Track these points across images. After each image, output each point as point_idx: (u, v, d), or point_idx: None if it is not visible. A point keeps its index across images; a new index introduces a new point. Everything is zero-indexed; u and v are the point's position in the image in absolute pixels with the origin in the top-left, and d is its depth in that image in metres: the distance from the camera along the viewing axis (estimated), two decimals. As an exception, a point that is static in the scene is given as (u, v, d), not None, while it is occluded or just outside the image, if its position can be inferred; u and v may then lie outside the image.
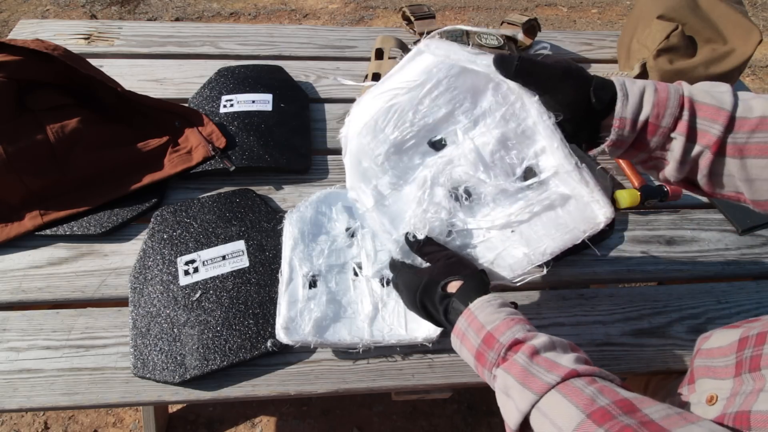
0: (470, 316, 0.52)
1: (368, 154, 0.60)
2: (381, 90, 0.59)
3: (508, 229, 0.59)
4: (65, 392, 0.63)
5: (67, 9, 2.48)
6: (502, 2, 2.79)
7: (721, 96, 0.48)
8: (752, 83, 2.49)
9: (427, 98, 0.58)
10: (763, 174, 0.48)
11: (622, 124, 0.49)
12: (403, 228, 0.61)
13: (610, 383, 0.44)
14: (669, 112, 0.48)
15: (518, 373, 0.46)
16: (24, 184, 0.76)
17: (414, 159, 0.62)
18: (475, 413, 1.33)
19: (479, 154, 0.58)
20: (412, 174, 0.62)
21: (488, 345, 0.49)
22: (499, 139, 0.56)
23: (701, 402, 0.54)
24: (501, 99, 0.55)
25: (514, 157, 0.57)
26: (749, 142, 0.47)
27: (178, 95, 1.01)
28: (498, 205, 0.59)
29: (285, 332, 0.67)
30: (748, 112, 0.48)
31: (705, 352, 0.60)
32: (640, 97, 0.49)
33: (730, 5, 1.06)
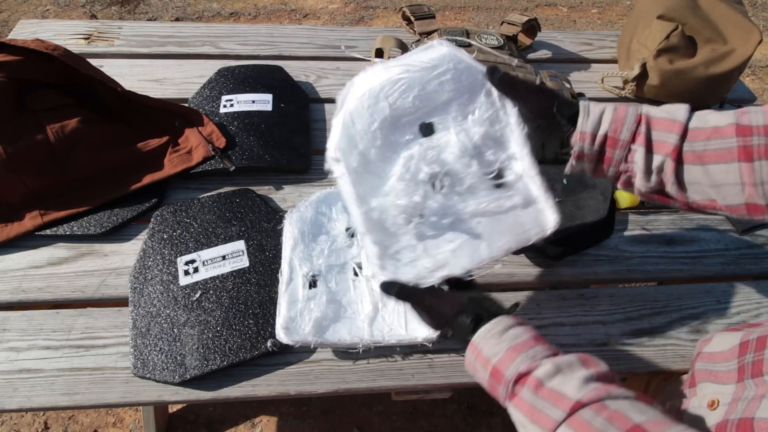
0: (475, 350, 0.52)
1: (364, 118, 0.61)
2: (393, 64, 0.62)
3: (475, 219, 0.62)
4: (65, 392, 0.63)
5: (67, 9, 2.48)
6: (502, 2, 2.79)
7: (676, 112, 0.54)
8: (752, 83, 2.49)
9: (435, 80, 0.61)
10: (727, 179, 0.50)
11: (583, 137, 0.55)
12: (377, 201, 0.61)
13: (623, 401, 0.43)
14: (626, 127, 0.53)
15: (527, 410, 0.46)
16: (24, 184, 0.76)
17: (404, 136, 0.63)
18: (475, 413, 1.33)
19: (466, 142, 0.61)
20: (396, 150, 0.63)
21: (497, 380, 0.49)
22: (482, 135, 0.61)
23: (702, 406, 0.54)
24: (490, 103, 0.62)
25: (491, 155, 0.62)
26: (707, 149, 0.51)
27: (178, 95, 1.01)
28: (469, 197, 0.62)
29: (285, 332, 0.67)
30: (703, 123, 0.52)
31: (706, 356, 0.59)
32: (600, 115, 0.55)
33: (730, 5, 1.06)
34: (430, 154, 0.62)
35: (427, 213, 0.61)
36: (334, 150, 0.61)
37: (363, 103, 0.60)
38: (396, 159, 0.62)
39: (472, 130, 0.61)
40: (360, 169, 0.61)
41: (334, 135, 0.61)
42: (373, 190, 0.62)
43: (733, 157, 0.50)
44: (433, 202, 0.61)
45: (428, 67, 0.61)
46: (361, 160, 0.61)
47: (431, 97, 0.62)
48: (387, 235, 0.61)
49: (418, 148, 0.62)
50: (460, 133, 0.62)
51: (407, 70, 0.61)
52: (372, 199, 0.61)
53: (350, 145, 0.61)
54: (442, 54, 0.61)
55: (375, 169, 0.62)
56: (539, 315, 0.76)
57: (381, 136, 0.61)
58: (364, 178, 0.61)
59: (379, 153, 0.62)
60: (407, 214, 0.60)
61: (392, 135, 0.62)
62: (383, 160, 0.62)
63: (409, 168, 0.61)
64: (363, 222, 0.60)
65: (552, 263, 0.82)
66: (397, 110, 0.61)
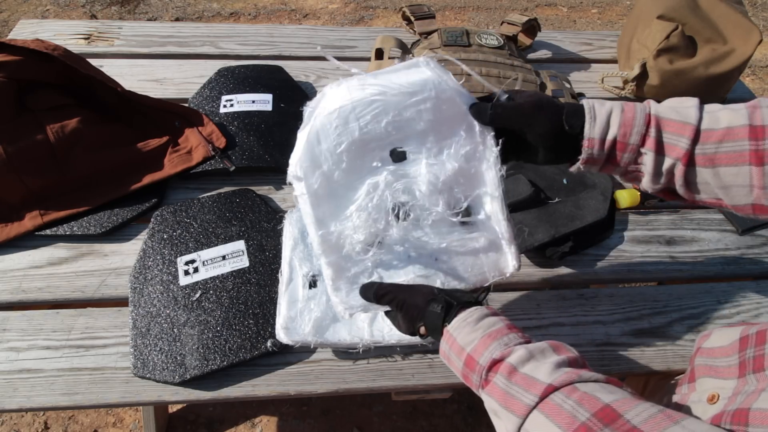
0: (450, 339, 0.52)
1: (330, 138, 0.57)
2: (370, 82, 0.57)
3: (435, 254, 0.60)
4: (65, 392, 0.63)
5: (67, 9, 2.48)
6: (502, 2, 2.79)
7: (687, 111, 0.52)
8: (752, 83, 2.49)
9: (413, 108, 0.57)
10: (737, 181, 0.50)
11: (591, 143, 0.53)
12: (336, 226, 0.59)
13: (594, 384, 0.44)
14: (636, 131, 0.52)
15: (500, 396, 0.46)
16: (24, 184, 0.76)
17: (372, 161, 0.59)
18: (475, 413, 1.33)
19: (436, 177, 0.58)
20: (362, 176, 0.59)
21: (470, 368, 0.50)
22: (455, 172, 0.59)
23: (702, 401, 0.54)
24: (469, 138, 0.58)
25: (461, 192, 0.60)
26: (718, 151, 0.50)
27: (178, 95, 1.01)
28: (432, 232, 0.60)
29: (285, 332, 0.67)
30: (715, 123, 0.51)
31: (706, 351, 0.59)
32: (607, 118, 0.53)
33: (730, 5, 1.06)
34: (396, 184, 0.59)
35: (387, 241, 0.59)
36: (296, 166, 0.58)
37: (331, 121, 0.56)
38: (360, 185, 0.59)
39: (446, 165, 0.59)
40: (321, 191, 0.58)
41: (297, 151, 0.58)
42: (334, 214, 0.59)
43: (744, 161, 0.49)
44: (394, 232, 0.59)
45: (407, 92, 0.56)
46: (324, 182, 0.58)
47: (407, 125, 0.58)
48: (344, 259, 0.59)
49: (385, 176, 0.59)
50: (432, 166, 0.59)
51: (384, 92, 0.56)
52: (331, 222, 0.59)
53: (313, 165, 0.58)
54: (425, 79, 0.56)
55: (337, 192, 0.59)
56: (539, 315, 0.76)
57: (347, 159, 0.57)
58: (324, 201, 0.59)
59: (343, 176, 0.58)
60: (366, 243, 0.59)
61: (359, 159, 0.58)
62: (347, 183, 0.59)
63: (373, 197, 0.58)
64: (319, 244, 0.58)
65: (552, 263, 0.82)
66: (367, 134, 0.57)
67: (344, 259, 0.59)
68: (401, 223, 0.59)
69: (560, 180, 0.84)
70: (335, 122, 0.56)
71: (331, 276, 0.58)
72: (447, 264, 0.60)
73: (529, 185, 0.81)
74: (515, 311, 0.75)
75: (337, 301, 0.59)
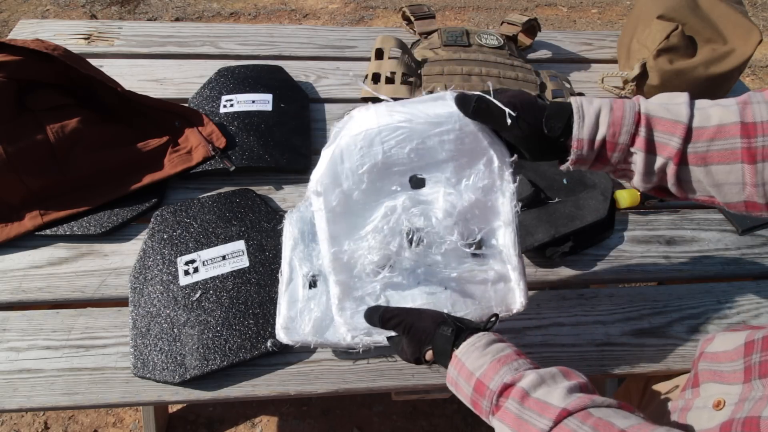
0: (458, 364, 0.51)
1: (354, 158, 0.58)
2: (398, 109, 0.59)
3: (444, 283, 0.61)
4: (65, 392, 0.63)
5: (67, 9, 2.48)
6: (502, 2, 2.79)
7: (677, 108, 0.51)
8: (752, 83, 2.49)
9: (436, 138, 0.58)
10: (729, 178, 0.50)
11: (580, 144, 0.53)
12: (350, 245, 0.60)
13: (607, 409, 0.43)
14: (625, 130, 0.51)
15: (512, 421, 0.45)
16: (24, 184, 0.76)
17: (391, 185, 0.60)
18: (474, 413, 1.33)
19: (452, 206, 0.60)
20: (380, 198, 0.61)
21: (480, 393, 0.49)
22: (471, 203, 0.60)
23: (707, 406, 0.54)
24: (488, 172, 0.60)
25: (475, 224, 0.61)
26: (710, 150, 0.50)
27: (178, 95, 1.01)
28: (443, 261, 0.61)
29: (285, 332, 0.66)
30: (706, 121, 0.50)
31: (710, 356, 0.59)
32: (596, 118, 0.52)
33: (730, 5, 1.06)
34: (413, 210, 0.60)
35: (398, 265, 0.60)
36: (317, 183, 0.59)
37: (357, 142, 0.58)
38: (378, 207, 0.60)
39: (463, 196, 0.60)
40: (338, 209, 0.59)
41: (320, 168, 0.59)
42: (348, 233, 0.60)
43: (736, 158, 0.49)
44: (406, 256, 0.60)
45: (433, 122, 0.58)
46: (342, 200, 0.59)
47: (429, 153, 0.59)
48: (353, 279, 0.60)
49: (403, 201, 0.60)
50: (449, 195, 0.60)
51: (410, 119, 0.58)
52: (345, 241, 0.60)
53: (334, 183, 0.59)
54: (450, 112, 0.58)
55: (354, 211, 0.60)
56: (539, 315, 0.76)
57: (368, 180, 0.59)
58: (341, 219, 0.60)
59: (362, 196, 0.60)
60: (377, 264, 0.60)
61: (379, 181, 0.60)
62: (365, 204, 0.60)
63: (389, 220, 0.60)
64: (331, 262, 0.59)
65: (552, 263, 0.82)
66: (390, 158, 0.59)
67: (354, 279, 0.60)
68: (414, 248, 0.60)
69: (560, 180, 0.84)
70: (360, 143, 0.58)
71: (338, 295, 0.59)
72: (456, 293, 0.61)
73: (529, 185, 0.81)
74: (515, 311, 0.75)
75: (341, 322, 0.59)
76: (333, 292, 0.60)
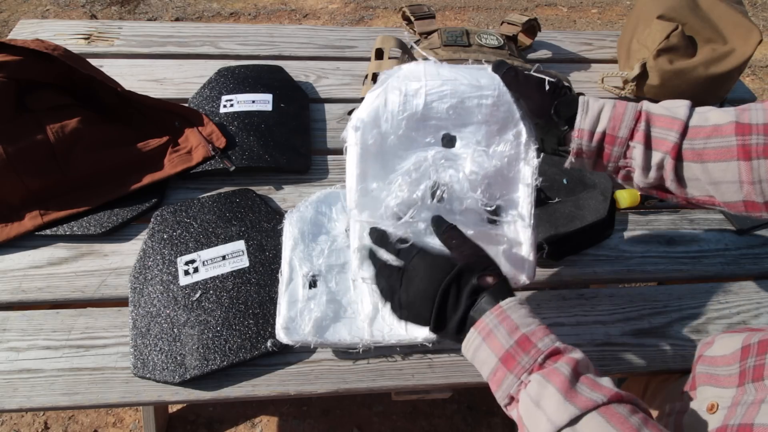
0: (502, 314, 0.48)
1: (397, 103, 0.61)
2: (445, 67, 0.62)
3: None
4: (65, 392, 0.63)
5: (67, 9, 2.48)
6: (502, 2, 2.79)
7: (677, 109, 0.54)
8: (752, 83, 2.49)
9: (475, 99, 0.61)
10: (726, 176, 0.51)
11: (581, 134, 0.55)
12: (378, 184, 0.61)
13: (645, 414, 0.43)
14: (624, 124, 0.54)
15: (561, 383, 0.43)
16: (24, 184, 0.76)
17: (426, 137, 0.63)
18: (475, 413, 1.33)
19: (479, 167, 0.62)
20: (413, 147, 0.63)
21: (522, 348, 0.46)
22: (496, 170, 0.63)
23: (702, 409, 0.54)
24: (516, 144, 0.63)
25: (497, 191, 0.63)
26: (706, 147, 0.51)
27: (178, 95, 1.01)
28: (462, 219, 0.62)
29: (285, 332, 0.67)
30: (704, 121, 0.52)
31: (708, 360, 0.59)
32: (599, 113, 0.55)
33: (730, 5, 1.06)
34: (442, 163, 0.62)
35: (417, 216, 0.61)
36: (357, 119, 0.61)
37: (402, 89, 0.61)
38: (409, 156, 0.63)
39: (490, 161, 0.62)
40: (373, 148, 0.61)
41: (363, 107, 0.61)
42: (377, 175, 0.62)
43: (732, 156, 0.50)
44: (426, 209, 0.61)
45: (475, 85, 0.61)
46: (378, 141, 0.61)
47: (466, 113, 0.62)
48: (374, 220, 0.61)
49: (434, 154, 0.62)
50: (478, 156, 0.62)
51: (455, 78, 0.61)
52: (373, 181, 0.62)
53: (374, 122, 0.61)
54: (491, 79, 0.62)
55: (386, 155, 0.62)
56: (539, 315, 0.74)
57: (405, 127, 0.61)
58: (373, 159, 0.62)
59: (396, 142, 0.62)
60: (399, 210, 0.61)
61: (415, 131, 0.62)
62: (397, 151, 0.62)
63: (419, 167, 0.62)
64: (357, 197, 0.60)
65: (552, 263, 0.82)
66: (429, 110, 0.61)
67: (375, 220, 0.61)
68: (435, 203, 0.62)
69: (560, 180, 0.84)
70: (405, 89, 0.61)
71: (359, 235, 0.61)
72: None
73: None
74: (515, 311, 0.75)
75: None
76: (353, 231, 0.61)
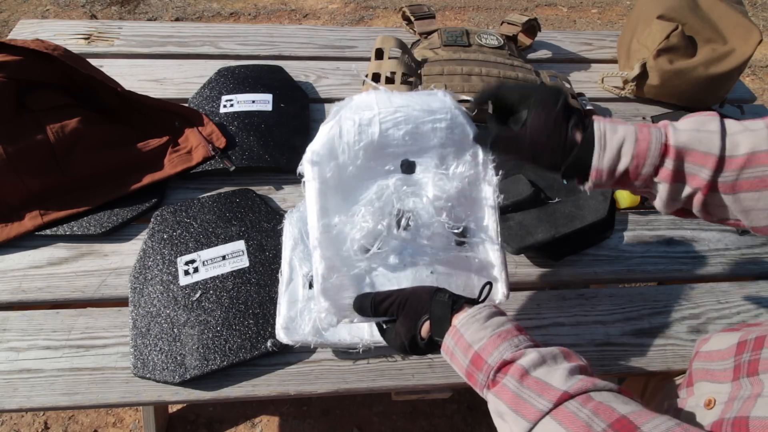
0: (456, 334, 0.50)
1: (352, 134, 0.60)
2: (396, 95, 0.62)
3: (430, 267, 0.62)
4: (65, 392, 0.63)
5: (67, 9, 2.48)
6: (502, 2, 2.79)
7: (710, 139, 0.49)
8: (752, 83, 2.49)
9: (429, 124, 0.62)
10: (758, 205, 0.49)
11: (599, 175, 0.51)
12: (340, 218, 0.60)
13: (608, 393, 0.43)
14: (649, 162, 0.50)
15: (509, 398, 0.45)
16: (24, 184, 0.76)
17: (385, 165, 0.63)
18: (475, 413, 1.33)
19: (441, 190, 0.62)
20: (373, 177, 0.62)
21: (477, 366, 0.48)
22: (458, 191, 0.62)
23: (699, 405, 0.54)
24: (474, 164, 0.63)
25: (462, 212, 0.63)
26: (740, 178, 0.49)
27: (178, 95, 1.01)
28: (430, 245, 0.62)
29: (285, 332, 0.67)
30: (735, 149, 0.49)
31: (704, 355, 0.59)
32: (618, 149, 0.51)
33: (730, 5, 1.06)
34: (404, 190, 0.62)
35: (385, 247, 0.60)
36: (313, 153, 0.60)
37: (356, 119, 0.60)
38: (370, 186, 0.62)
39: (451, 183, 0.62)
40: (331, 181, 0.60)
41: (318, 140, 0.60)
42: (339, 208, 0.60)
43: (766, 186, 0.48)
44: (394, 238, 0.60)
45: (427, 110, 0.62)
46: (336, 173, 0.60)
47: (421, 139, 0.62)
48: (338, 258, 0.59)
49: (395, 181, 0.62)
50: (439, 180, 0.62)
51: (408, 105, 0.62)
52: (335, 215, 0.60)
53: (330, 155, 0.60)
54: (443, 102, 0.63)
55: (347, 187, 0.61)
56: (539, 315, 0.76)
57: (363, 157, 0.61)
58: (332, 192, 0.60)
59: (355, 172, 0.61)
60: (366, 242, 0.59)
61: (373, 160, 0.62)
62: (357, 182, 0.61)
63: (381, 196, 0.61)
64: (319, 234, 0.58)
65: (552, 263, 0.82)
66: (386, 138, 0.61)
67: (339, 258, 0.59)
68: (402, 232, 0.61)
69: (560, 180, 0.83)
70: (359, 120, 0.61)
71: (323, 273, 0.57)
72: (440, 278, 0.61)
73: (529, 185, 0.81)
74: (515, 311, 0.75)
75: (324, 307, 0.57)
76: (317, 268, 0.58)
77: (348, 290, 0.58)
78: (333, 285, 0.58)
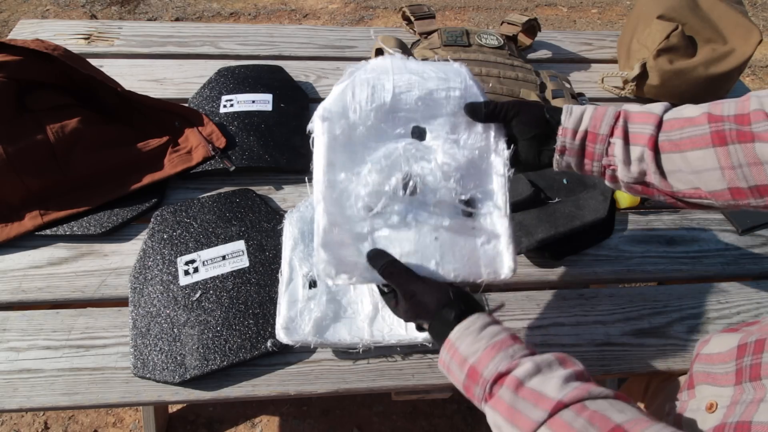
0: (451, 348, 0.50)
1: (365, 94, 0.60)
2: (412, 61, 0.62)
3: (434, 233, 0.60)
4: (65, 392, 0.63)
5: (67, 9, 2.48)
6: (502, 2, 2.79)
7: (653, 107, 0.56)
8: (752, 83, 2.49)
9: (443, 92, 0.61)
10: (706, 164, 0.51)
11: (565, 132, 0.57)
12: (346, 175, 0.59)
13: (603, 401, 0.43)
14: (605, 122, 0.56)
15: (505, 410, 0.45)
16: (24, 184, 0.76)
17: (395, 129, 0.62)
18: (475, 413, 1.33)
19: (451, 159, 0.61)
20: (382, 139, 0.62)
21: (473, 380, 0.48)
22: (467, 161, 0.62)
23: (701, 409, 0.54)
24: (485, 136, 0.62)
25: (470, 182, 0.62)
26: (682, 137, 0.53)
27: (178, 95, 1.01)
28: (434, 211, 0.61)
29: (285, 332, 0.67)
30: (678, 114, 0.55)
31: (705, 358, 0.59)
32: (581, 113, 0.58)
33: (730, 5, 1.06)
34: (414, 153, 0.61)
35: (389, 209, 0.59)
36: (324, 109, 0.60)
37: (370, 80, 0.60)
38: (379, 148, 0.61)
39: (462, 152, 0.62)
40: (341, 138, 0.60)
41: (330, 98, 0.60)
42: (345, 165, 0.60)
43: (707, 143, 0.51)
44: (399, 201, 0.59)
45: (442, 78, 0.62)
46: (346, 131, 0.60)
47: (434, 105, 0.62)
48: (341, 215, 0.58)
49: (404, 145, 0.61)
50: (450, 148, 0.61)
51: (423, 71, 0.61)
52: (341, 171, 0.59)
53: (342, 113, 0.60)
54: (458, 72, 0.62)
55: (355, 146, 0.61)
56: (539, 315, 0.76)
57: (374, 118, 0.60)
58: (341, 149, 0.60)
59: (365, 133, 0.61)
60: (370, 201, 0.58)
61: (384, 122, 0.61)
62: (367, 142, 0.61)
63: (390, 158, 0.60)
64: (323, 188, 0.57)
65: (552, 263, 0.82)
66: (398, 102, 0.61)
67: (342, 215, 0.58)
68: (407, 195, 0.60)
69: (560, 180, 0.84)
70: (374, 81, 0.60)
71: (324, 226, 0.56)
72: (445, 245, 0.59)
73: (529, 185, 0.81)
74: (515, 311, 0.75)
75: (323, 258, 0.55)
76: (319, 222, 0.57)
77: (348, 248, 0.57)
78: (334, 240, 0.56)
